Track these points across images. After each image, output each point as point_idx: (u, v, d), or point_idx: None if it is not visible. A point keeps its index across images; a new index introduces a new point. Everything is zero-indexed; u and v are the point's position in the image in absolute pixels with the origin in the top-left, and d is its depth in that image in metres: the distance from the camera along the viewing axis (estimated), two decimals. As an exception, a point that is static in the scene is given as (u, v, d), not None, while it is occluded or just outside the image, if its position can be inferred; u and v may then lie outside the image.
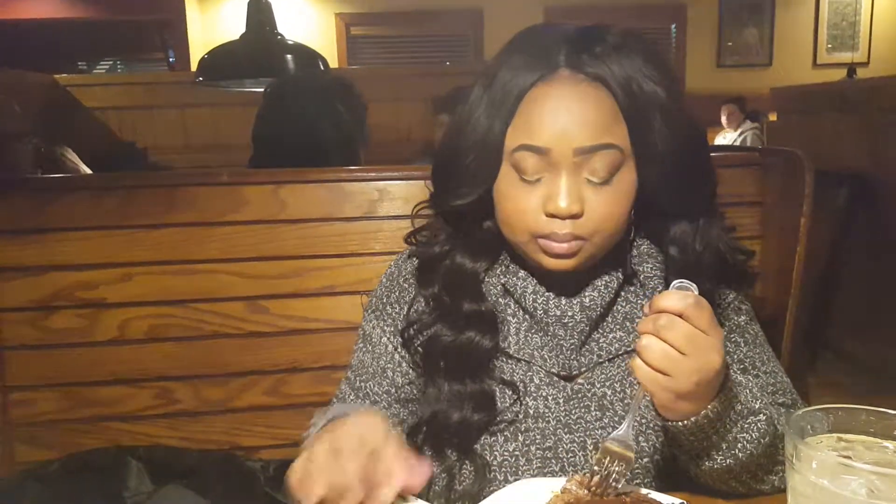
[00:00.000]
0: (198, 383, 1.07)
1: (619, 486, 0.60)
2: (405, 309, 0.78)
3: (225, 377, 1.08)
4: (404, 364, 0.78)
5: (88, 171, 1.95)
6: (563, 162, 0.66)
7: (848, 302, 2.08)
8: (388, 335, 0.79)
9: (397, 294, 0.80)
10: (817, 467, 0.45)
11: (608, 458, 0.60)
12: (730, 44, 5.84)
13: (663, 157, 0.68)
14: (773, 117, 4.11)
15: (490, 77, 0.70)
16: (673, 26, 5.84)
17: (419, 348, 0.76)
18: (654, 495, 0.62)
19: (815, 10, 5.81)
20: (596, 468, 0.61)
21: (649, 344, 0.58)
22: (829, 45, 5.84)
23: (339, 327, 1.08)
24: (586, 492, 0.61)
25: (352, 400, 0.79)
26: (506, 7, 5.29)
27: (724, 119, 4.88)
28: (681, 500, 0.62)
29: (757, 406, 0.65)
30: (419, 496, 0.62)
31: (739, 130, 4.83)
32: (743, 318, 0.80)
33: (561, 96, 0.66)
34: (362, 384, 0.79)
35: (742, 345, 0.79)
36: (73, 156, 1.92)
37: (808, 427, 0.49)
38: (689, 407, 0.61)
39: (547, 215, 0.67)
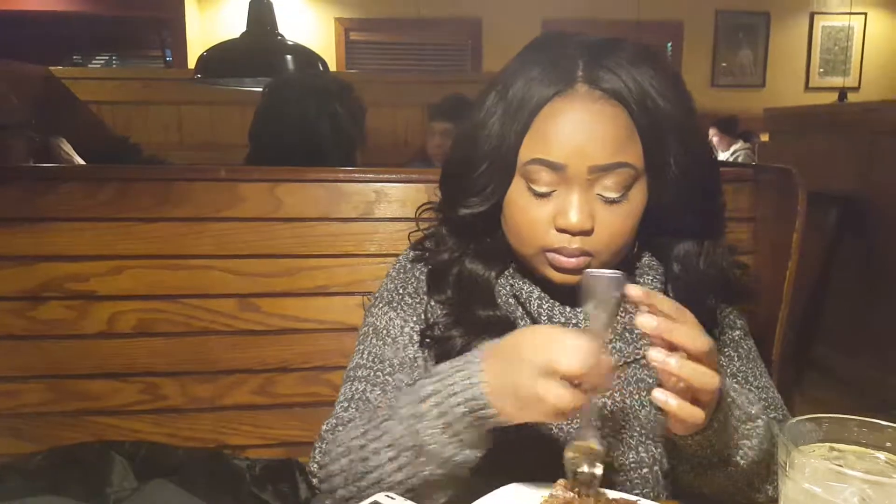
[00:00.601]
0: (185, 380, 1.06)
1: (599, 472, 0.59)
2: (424, 300, 0.77)
3: (213, 374, 1.07)
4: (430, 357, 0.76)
5: (83, 163, 1.93)
6: (577, 178, 0.66)
7: (835, 321, 2.10)
8: (410, 324, 0.77)
9: (414, 285, 0.79)
10: (810, 474, 0.45)
11: (578, 456, 0.60)
12: (724, 64, 5.92)
13: (676, 175, 0.69)
14: (764, 138, 4.16)
15: (505, 86, 0.69)
16: (669, 44, 5.90)
17: (433, 351, 0.75)
18: (644, 502, 0.62)
19: (808, 34, 5.91)
20: (571, 467, 0.60)
21: (714, 377, 0.55)
22: (822, 70, 5.93)
23: (330, 328, 1.08)
24: (572, 495, 0.61)
25: (377, 395, 0.75)
26: (504, 18, 5.33)
27: (714, 141, 4.92)
28: (671, 508, 0.62)
29: (754, 411, 0.65)
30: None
31: (731, 150, 4.88)
32: (737, 332, 0.81)
33: (578, 113, 0.66)
34: (388, 377, 0.76)
35: (735, 359, 0.79)
36: (68, 147, 1.90)
37: (801, 436, 0.50)
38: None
39: (557, 230, 0.67)
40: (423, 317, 0.77)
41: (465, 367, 0.61)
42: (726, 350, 0.79)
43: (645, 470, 0.72)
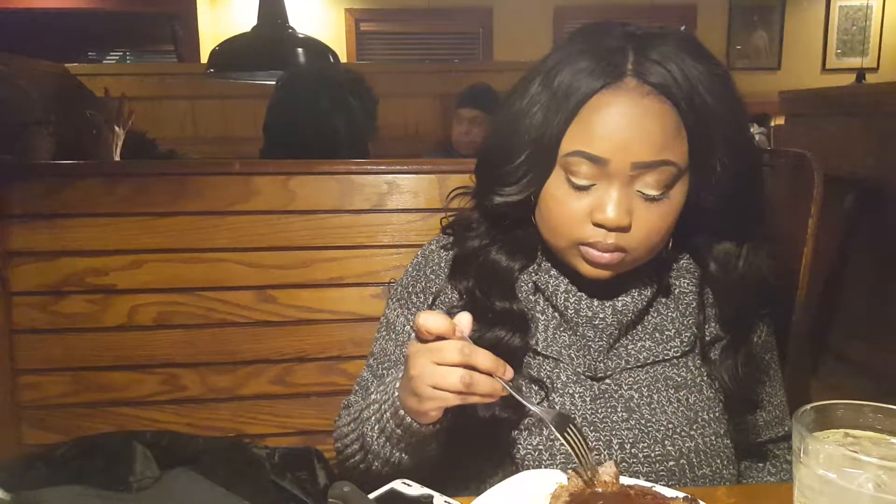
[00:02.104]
0: (205, 370, 1.08)
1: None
2: (430, 299, 0.79)
3: (232, 365, 1.09)
4: None
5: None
6: (618, 174, 0.65)
7: (851, 307, 2.08)
8: (411, 324, 0.79)
9: (423, 284, 0.80)
10: (824, 461, 0.45)
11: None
12: (739, 47, 5.82)
13: (720, 175, 0.67)
14: (779, 121, 4.10)
15: (551, 74, 0.67)
16: (682, 28, 5.81)
17: None
18: (658, 489, 0.63)
19: (825, 14, 5.79)
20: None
21: None
22: (839, 50, 5.81)
23: (345, 318, 1.09)
24: (587, 481, 0.62)
25: (375, 387, 0.79)
26: (516, 5, 5.28)
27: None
28: (685, 494, 0.62)
29: None
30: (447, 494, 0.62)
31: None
32: (769, 355, 0.82)
33: (626, 108, 0.64)
34: (385, 371, 0.80)
35: (766, 385, 0.81)
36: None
37: (816, 422, 0.50)
38: None
39: (594, 224, 0.66)
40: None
41: (394, 381, 0.68)
42: (759, 374, 0.79)
43: (671, 463, 0.71)
